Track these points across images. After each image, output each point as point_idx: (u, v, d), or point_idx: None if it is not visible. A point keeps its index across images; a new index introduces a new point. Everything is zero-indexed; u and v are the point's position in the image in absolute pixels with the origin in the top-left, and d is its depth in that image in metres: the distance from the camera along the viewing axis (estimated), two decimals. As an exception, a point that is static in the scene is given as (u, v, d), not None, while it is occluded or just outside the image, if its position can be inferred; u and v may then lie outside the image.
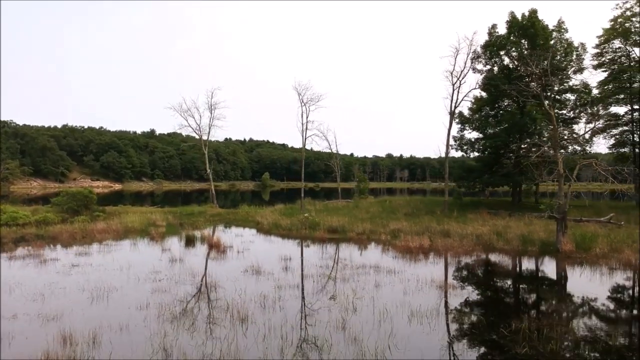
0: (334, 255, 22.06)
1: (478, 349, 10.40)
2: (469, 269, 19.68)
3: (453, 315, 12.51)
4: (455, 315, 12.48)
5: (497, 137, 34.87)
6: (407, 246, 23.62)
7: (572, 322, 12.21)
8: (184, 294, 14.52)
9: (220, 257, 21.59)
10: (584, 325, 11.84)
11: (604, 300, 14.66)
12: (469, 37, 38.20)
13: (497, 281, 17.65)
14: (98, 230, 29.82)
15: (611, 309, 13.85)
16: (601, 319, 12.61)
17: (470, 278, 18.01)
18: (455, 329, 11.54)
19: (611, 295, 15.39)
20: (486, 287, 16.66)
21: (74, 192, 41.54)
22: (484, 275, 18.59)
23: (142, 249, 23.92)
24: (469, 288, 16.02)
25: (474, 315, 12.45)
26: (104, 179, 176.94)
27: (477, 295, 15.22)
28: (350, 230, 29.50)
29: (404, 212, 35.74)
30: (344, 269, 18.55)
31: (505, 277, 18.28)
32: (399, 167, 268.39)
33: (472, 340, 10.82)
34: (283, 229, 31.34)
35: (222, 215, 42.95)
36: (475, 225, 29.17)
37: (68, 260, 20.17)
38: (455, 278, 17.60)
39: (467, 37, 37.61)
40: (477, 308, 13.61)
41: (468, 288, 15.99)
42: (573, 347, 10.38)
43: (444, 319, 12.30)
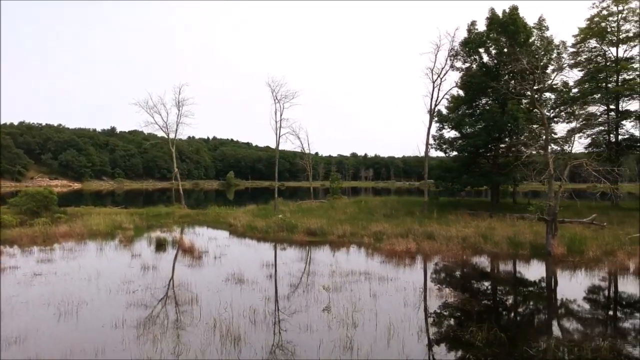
0: (318, 261, 20.76)
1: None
2: (463, 275, 18.67)
3: (465, 331, 11.36)
4: (467, 331, 11.34)
5: (476, 137, 34.11)
6: (393, 250, 22.53)
7: (596, 338, 11.21)
8: (163, 309, 13.07)
9: (196, 263, 20.08)
10: (613, 342, 10.85)
11: (619, 312, 13.80)
12: (450, 33, 37.37)
13: (499, 290, 16.65)
14: (60, 234, 27.92)
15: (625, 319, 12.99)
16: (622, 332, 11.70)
17: (468, 286, 16.95)
18: (472, 347, 10.40)
19: (621, 303, 14.57)
20: (489, 297, 15.66)
21: (33, 192, 39.30)
22: (482, 283, 17.60)
23: (110, 255, 22.20)
24: (470, 298, 14.94)
25: (489, 331, 11.34)
26: (63, 178, 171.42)
27: (483, 307, 14.12)
28: (329, 232, 28.28)
29: (382, 213, 34.71)
30: (332, 276, 17.31)
31: (505, 285, 17.26)
32: (364, 166, 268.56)
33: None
34: (259, 231, 29.92)
35: (191, 216, 41.22)
36: (458, 227, 28.30)
37: (29, 269, 18.40)
38: (452, 285, 16.52)
39: (449, 33, 36.82)
40: (488, 322, 12.52)
41: (469, 298, 14.90)
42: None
43: (455, 334, 11.17)
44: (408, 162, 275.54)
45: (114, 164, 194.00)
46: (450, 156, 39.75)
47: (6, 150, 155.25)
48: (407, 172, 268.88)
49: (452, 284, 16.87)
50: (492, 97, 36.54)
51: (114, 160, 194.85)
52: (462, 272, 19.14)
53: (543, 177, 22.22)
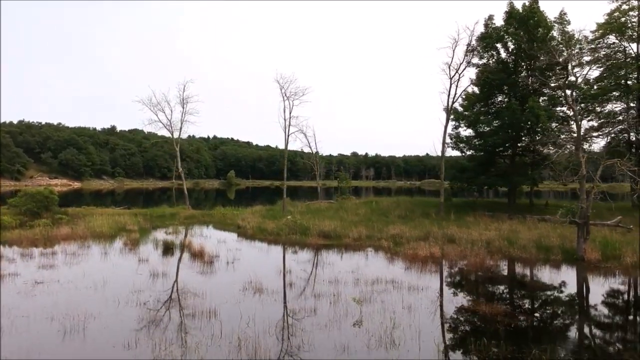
0: (338, 267, 19.46)
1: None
2: (498, 284, 17.37)
3: (527, 354, 10.07)
4: (529, 355, 10.05)
5: (494, 135, 32.75)
6: (416, 255, 21.23)
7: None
8: (179, 324, 11.79)
9: (208, 270, 18.79)
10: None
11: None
12: (469, 27, 35.81)
13: (544, 303, 15.37)
14: (62, 236, 26.67)
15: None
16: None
17: (507, 298, 15.69)
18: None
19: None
20: (535, 312, 14.35)
21: (33, 192, 37.95)
22: (522, 295, 16.30)
23: (115, 260, 20.90)
24: (514, 312, 13.65)
25: (551, 352, 10.03)
26: (63, 177, 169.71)
27: (534, 324, 12.84)
28: (344, 235, 26.98)
29: (397, 215, 33.39)
30: (357, 285, 16.03)
31: (547, 297, 15.96)
32: (365, 165, 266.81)
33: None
34: (269, 233, 28.63)
35: (196, 217, 39.92)
36: (478, 230, 27.04)
37: (30, 275, 17.10)
38: (489, 297, 15.25)
39: (468, 27, 35.22)
40: (549, 344, 11.23)
41: (513, 312, 13.61)
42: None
43: (515, 358, 9.88)
44: (409, 162, 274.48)
45: (114, 163, 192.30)
46: (465, 156, 38.44)
47: (5, 149, 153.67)
48: (408, 171, 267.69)
49: (490, 295, 15.59)
50: (510, 94, 35.22)
51: (114, 159, 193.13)
52: (496, 281, 17.86)
53: (576, 177, 20.91)
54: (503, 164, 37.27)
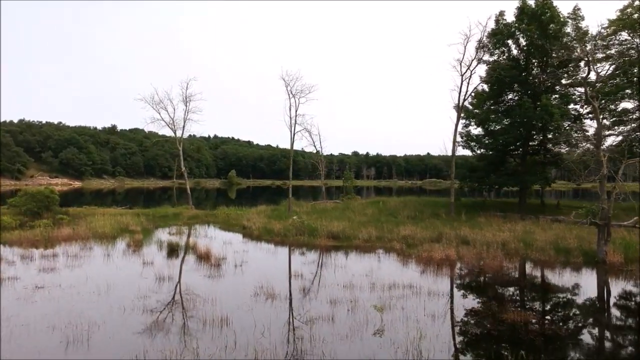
0: (350, 270, 18.67)
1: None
2: (522, 289, 16.58)
3: None
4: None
5: (506, 134, 31.91)
6: (431, 257, 20.44)
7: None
8: (190, 334, 11.02)
9: (216, 273, 18.00)
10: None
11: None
12: (482, 23, 34.82)
13: (573, 309, 14.61)
14: (64, 237, 25.92)
15: None
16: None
17: (532, 303, 14.95)
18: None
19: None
20: (563, 319, 13.57)
21: (33, 192, 37.20)
22: (549, 299, 15.51)
23: (119, 262, 20.12)
24: (541, 318, 12.89)
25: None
26: (63, 176, 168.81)
27: (567, 333, 12.08)
28: (353, 236, 26.20)
29: (406, 215, 32.57)
30: (373, 290, 15.26)
31: (574, 300, 15.22)
32: (366, 165, 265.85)
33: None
34: (276, 235, 27.84)
35: (200, 217, 39.14)
36: (491, 231, 26.27)
37: (30, 279, 16.34)
38: (514, 303, 14.51)
39: (480, 23, 34.17)
40: (582, 353, 10.46)
41: (541, 318, 12.86)
42: None
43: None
44: (410, 161, 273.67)
45: (114, 163, 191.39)
46: (475, 155, 37.63)
47: (6, 148, 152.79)
48: (409, 171, 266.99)
49: (515, 301, 14.86)
50: (521, 92, 34.41)
51: (114, 159, 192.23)
52: (518, 285, 17.07)
53: (597, 177, 20.12)
54: (513, 163, 36.47)
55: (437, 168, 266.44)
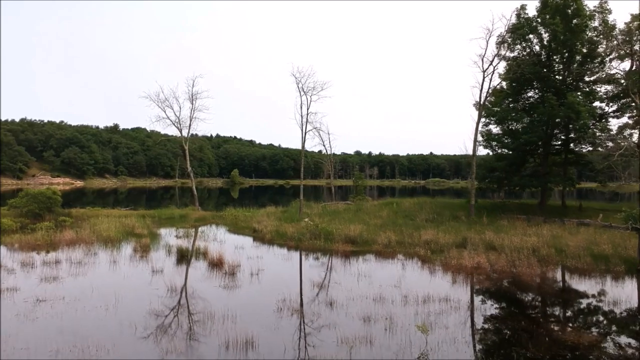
0: (377, 279, 17.31)
1: None
2: (571, 303, 15.22)
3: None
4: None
5: (529, 133, 30.46)
6: (461, 265, 19.07)
7: None
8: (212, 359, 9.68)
9: (232, 283, 16.64)
10: None
11: None
12: (505, 16, 33.25)
13: (630, 326, 13.23)
14: (66, 241, 24.62)
15: None
16: None
17: (588, 320, 13.59)
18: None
19: None
20: (627, 338, 12.20)
21: (35, 193, 35.91)
22: (604, 314, 14.11)
23: (126, 270, 18.78)
24: (603, 338, 11.53)
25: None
26: (65, 176, 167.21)
27: (631, 352, 10.74)
28: (372, 241, 24.85)
29: (424, 218, 31.16)
30: (407, 304, 13.92)
31: (629, 316, 13.84)
32: (368, 164, 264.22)
33: None
34: (289, 238, 26.49)
35: (207, 219, 37.79)
36: (517, 235, 24.82)
37: (31, 290, 14.99)
38: (567, 320, 13.14)
39: (504, 16, 32.58)
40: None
41: (602, 338, 11.50)
42: None
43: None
44: (413, 161, 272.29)
45: (116, 162, 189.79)
46: (494, 154, 36.17)
47: (7, 147, 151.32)
48: (412, 170, 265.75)
49: (567, 319, 13.52)
50: (543, 89, 32.97)
51: (116, 158, 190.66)
52: (565, 298, 15.72)
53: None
54: (532, 164, 35.09)
55: (440, 168, 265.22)
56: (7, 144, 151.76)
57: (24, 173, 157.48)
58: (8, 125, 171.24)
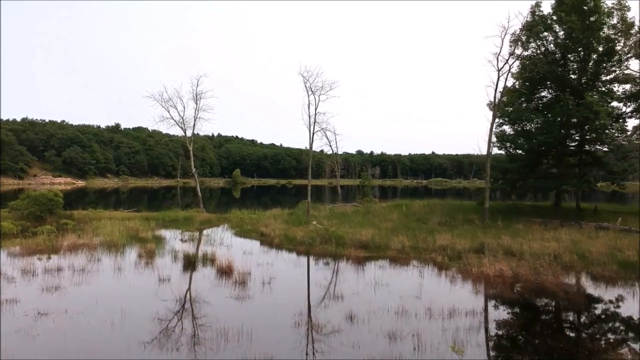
0: (395, 289, 16.43)
1: None
2: (612, 317, 14.33)
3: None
4: None
5: (546, 133, 29.51)
6: (482, 273, 18.19)
7: None
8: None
9: (243, 293, 15.76)
10: None
11: None
12: (522, 13, 32.15)
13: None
14: (69, 246, 23.77)
15: None
16: None
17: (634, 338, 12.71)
18: None
19: None
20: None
21: (36, 195, 35.07)
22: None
23: (131, 279, 17.95)
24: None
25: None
26: (67, 175, 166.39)
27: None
28: (384, 246, 23.95)
29: (436, 221, 30.25)
30: (432, 318, 13.07)
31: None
32: (370, 164, 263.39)
33: None
34: (298, 243, 25.62)
35: (212, 222, 36.94)
36: (535, 239, 23.89)
37: (32, 302, 14.14)
38: (612, 334, 12.29)
39: (520, 13, 31.43)
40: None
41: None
42: None
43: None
44: (415, 160, 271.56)
45: (118, 162, 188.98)
46: (506, 155, 35.24)
47: (9, 147, 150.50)
48: (414, 170, 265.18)
49: (608, 330, 12.65)
50: (558, 88, 32.05)
51: (118, 158, 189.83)
52: (604, 312, 14.86)
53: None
54: (546, 165, 34.17)
55: (443, 167, 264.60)
56: (9, 143, 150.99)
57: (26, 173, 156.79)
58: (9, 124, 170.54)
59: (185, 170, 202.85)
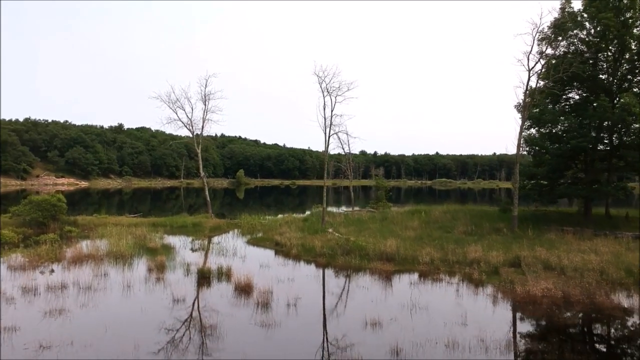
0: (437, 313, 14.80)
1: None
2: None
3: None
4: None
5: (579, 137, 27.73)
6: (528, 293, 16.48)
7: None
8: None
9: (267, 318, 14.09)
10: None
11: None
12: (555, 9, 30.21)
13: None
14: (74, 258, 22.28)
15: None
16: None
17: None
18: None
19: None
20: None
21: (39, 200, 33.58)
22: None
23: (142, 298, 16.37)
24: None
25: None
26: (70, 176, 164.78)
27: None
28: (412, 258, 22.30)
29: (461, 230, 28.55)
30: (488, 351, 11.51)
31: None
32: (374, 164, 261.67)
33: None
34: (318, 254, 24.00)
35: (222, 228, 35.36)
36: (572, 251, 22.16)
37: (33, 331, 12.59)
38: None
39: (554, 9, 29.56)
40: None
41: None
42: None
43: None
44: (419, 161, 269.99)
45: (121, 162, 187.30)
46: (532, 159, 33.46)
47: (11, 147, 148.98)
48: (418, 170, 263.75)
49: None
50: (588, 89, 30.33)
51: (121, 158, 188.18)
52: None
53: None
54: (574, 170, 32.43)
55: (447, 168, 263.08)
56: (11, 144, 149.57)
57: (28, 173, 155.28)
58: (12, 125, 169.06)
59: (189, 171, 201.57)
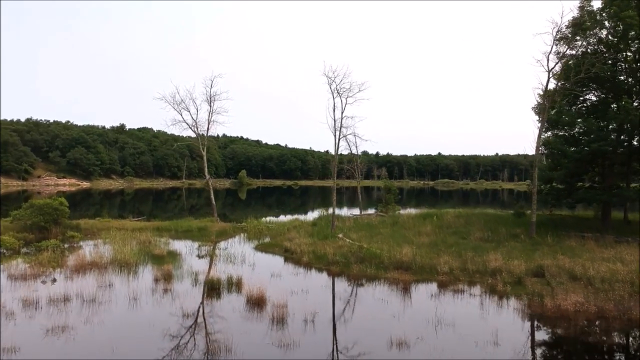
0: (464, 330, 13.84)
1: None
2: None
3: None
4: None
5: (600, 140, 26.74)
6: (559, 307, 15.51)
7: None
8: None
9: (284, 336, 13.12)
10: None
11: None
12: (572, 9, 29.20)
13: None
14: (77, 267, 21.36)
15: None
16: None
17: None
18: None
19: None
20: None
21: (40, 204, 32.65)
22: None
23: (149, 312, 15.45)
24: None
25: None
26: (71, 177, 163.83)
27: None
28: (429, 267, 21.32)
29: (477, 236, 27.58)
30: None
31: None
32: (376, 164, 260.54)
33: None
34: (331, 262, 23.05)
35: (228, 233, 34.48)
36: (596, 260, 21.19)
37: (34, 353, 11.70)
38: None
39: (574, 8, 28.57)
40: None
41: None
42: None
43: None
44: (421, 161, 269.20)
45: (123, 162, 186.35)
46: (548, 163, 32.43)
47: (13, 147, 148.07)
48: (420, 171, 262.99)
49: None
50: (607, 90, 29.34)
51: (123, 158, 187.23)
52: None
53: None
54: (591, 174, 31.47)
55: (449, 168, 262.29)
56: (13, 144, 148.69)
57: (30, 174, 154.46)
58: (13, 125, 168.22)
59: (191, 171, 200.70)
